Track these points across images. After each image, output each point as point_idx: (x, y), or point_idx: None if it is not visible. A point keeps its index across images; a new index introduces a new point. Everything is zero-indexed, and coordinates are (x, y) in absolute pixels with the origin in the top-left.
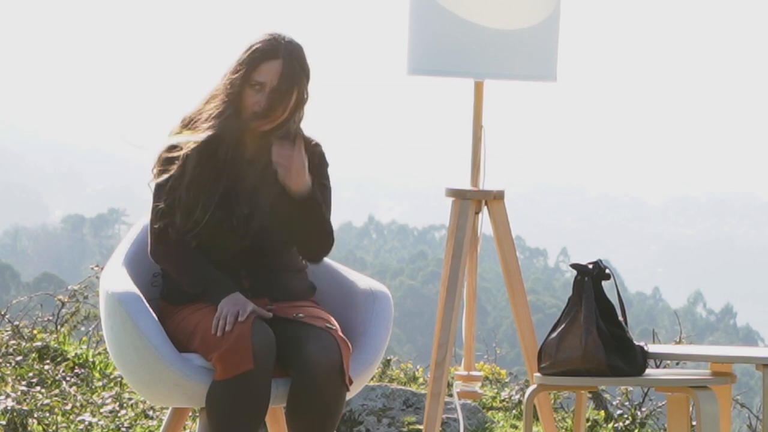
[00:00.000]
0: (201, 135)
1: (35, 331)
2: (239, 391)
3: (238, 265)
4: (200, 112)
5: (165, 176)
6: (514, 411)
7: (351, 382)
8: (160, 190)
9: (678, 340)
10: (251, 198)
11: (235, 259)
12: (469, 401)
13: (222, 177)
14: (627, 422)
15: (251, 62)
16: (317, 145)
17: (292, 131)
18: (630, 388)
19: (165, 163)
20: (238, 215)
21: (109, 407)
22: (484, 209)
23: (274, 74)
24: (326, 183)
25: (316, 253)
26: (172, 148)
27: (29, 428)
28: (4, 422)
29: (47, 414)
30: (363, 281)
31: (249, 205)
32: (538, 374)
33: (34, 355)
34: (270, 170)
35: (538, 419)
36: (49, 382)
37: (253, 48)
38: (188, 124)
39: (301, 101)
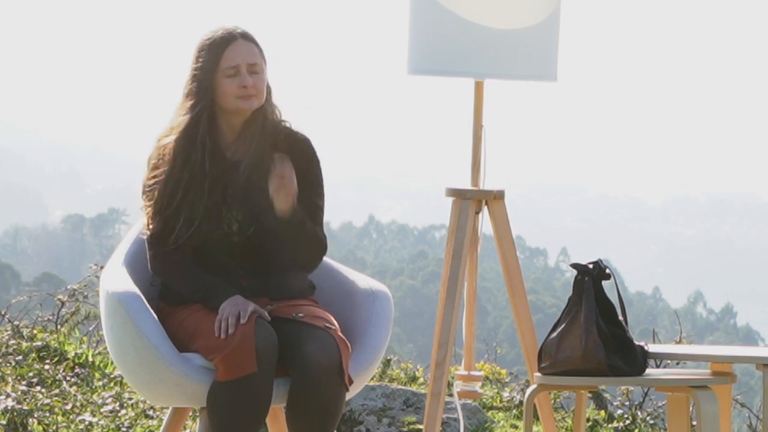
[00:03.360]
0: (172, 136)
1: (35, 331)
2: (241, 392)
3: (236, 265)
4: (170, 128)
5: (150, 182)
6: (514, 411)
7: (351, 382)
8: (146, 202)
9: (678, 340)
10: (243, 202)
11: (233, 259)
12: (469, 401)
13: (204, 192)
14: (627, 422)
15: (214, 53)
16: (305, 141)
17: (270, 119)
18: (630, 388)
19: (149, 179)
20: (229, 221)
21: (109, 407)
22: (485, 209)
23: (243, 53)
24: (319, 203)
25: (305, 263)
26: (154, 169)
27: (29, 428)
28: (4, 422)
29: (47, 414)
30: (363, 281)
31: (241, 209)
32: (538, 374)
33: (34, 355)
34: (255, 169)
35: (538, 419)
36: (49, 382)
37: (208, 43)
38: (163, 145)
39: (268, 84)
